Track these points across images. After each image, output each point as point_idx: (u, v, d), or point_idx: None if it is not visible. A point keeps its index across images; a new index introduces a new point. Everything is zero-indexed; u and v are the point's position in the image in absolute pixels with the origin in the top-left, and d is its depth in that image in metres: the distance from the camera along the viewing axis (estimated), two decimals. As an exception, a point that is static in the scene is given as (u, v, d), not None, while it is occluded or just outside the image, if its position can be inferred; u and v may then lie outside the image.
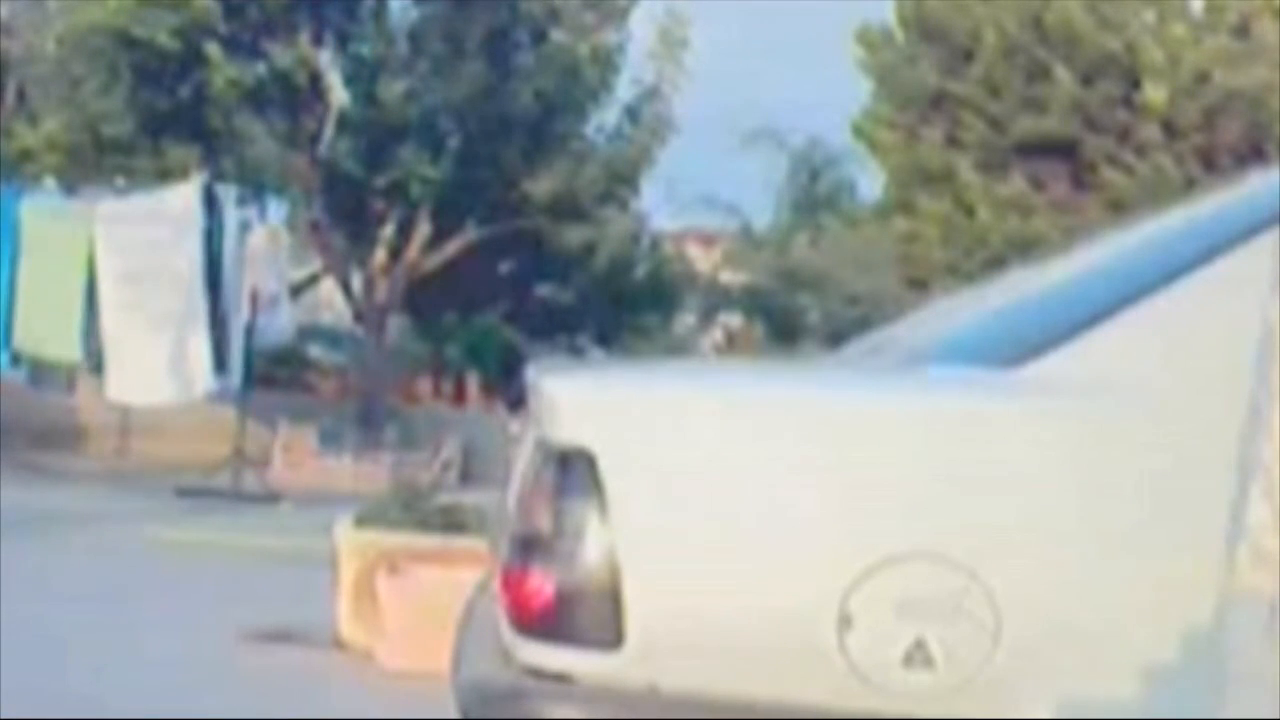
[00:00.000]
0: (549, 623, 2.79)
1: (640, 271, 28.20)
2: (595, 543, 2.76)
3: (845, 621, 2.72)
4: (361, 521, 9.12)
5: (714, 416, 2.86)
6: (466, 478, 19.80)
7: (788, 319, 28.69)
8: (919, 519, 2.78)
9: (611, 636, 2.75)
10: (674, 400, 2.92)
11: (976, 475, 2.80)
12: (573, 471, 2.79)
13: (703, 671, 2.76)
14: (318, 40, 23.01)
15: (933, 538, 2.77)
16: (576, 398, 2.90)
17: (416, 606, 8.00)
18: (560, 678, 2.78)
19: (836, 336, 22.24)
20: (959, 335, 3.32)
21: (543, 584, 2.79)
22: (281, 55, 22.35)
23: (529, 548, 2.85)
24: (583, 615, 2.77)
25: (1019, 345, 2.95)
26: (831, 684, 2.73)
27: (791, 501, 2.79)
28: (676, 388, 3.00)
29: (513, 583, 2.84)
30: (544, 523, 2.82)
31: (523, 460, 3.06)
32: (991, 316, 3.40)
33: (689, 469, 2.81)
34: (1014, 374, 2.88)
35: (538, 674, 2.80)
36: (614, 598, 2.74)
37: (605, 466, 2.76)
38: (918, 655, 2.74)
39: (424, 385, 26.95)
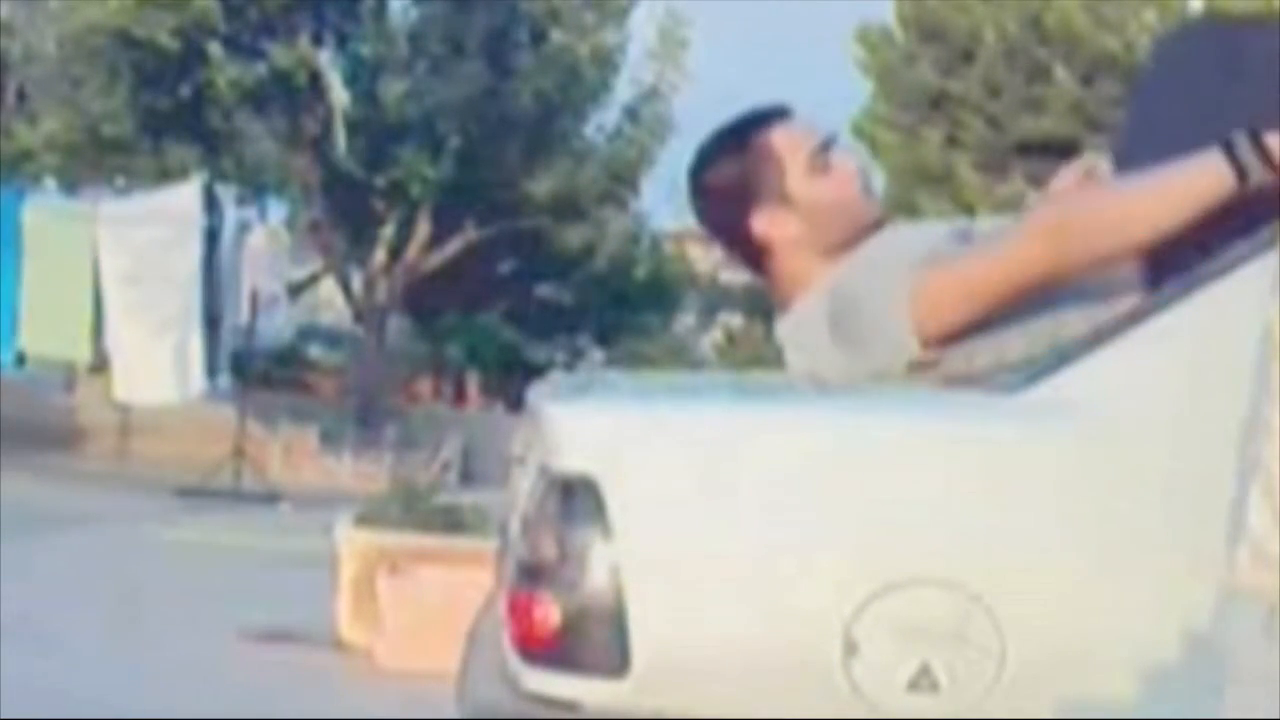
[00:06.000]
0: (554, 650, 2.79)
1: (640, 271, 28.22)
2: (600, 570, 2.76)
3: (850, 647, 2.73)
4: (361, 521, 9.13)
5: (717, 442, 2.86)
6: (466, 478, 19.82)
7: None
8: (923, 544, 2.79)
9: (617, 663, 2.74)
10: (677, 426, 2.92)
11: (981, 500, 2.80)
12: (576, 499, 2.78)
13: (708, 698, 2.76)
14: (318, 40, 23.03)
15: (937, 563, 2.77)
16: (579, 425, 2.90)
17: (416, 606, 8.01)
18: (567, 705, 2.79)
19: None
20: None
21: (548, 611, 2.78)
22: (281, 55, 22.38)
23: (533, 575, 2.85)
24: (588, 642, 2.77)
25: (1024, 368, 2.96)
26: (836, 709, 2.74)
27: (795, 527, 2.79)
28: (679, 413, 2.99)
29: (518, 610, 2.85)
30: (548, 550, 2.82)
31: (525, 486, 3.06)
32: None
33: (692, 495, 2.80)
34: (1019, 398, 2.88)
35: (544, 701, 2.80)
36: (619, 625, 2.74)
37: (608, 493, 2.76)
38: (923, 680, 2.74)
39: (424, 385, 26.99)
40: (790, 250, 3.38)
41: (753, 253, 3.44)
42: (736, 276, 30.83)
